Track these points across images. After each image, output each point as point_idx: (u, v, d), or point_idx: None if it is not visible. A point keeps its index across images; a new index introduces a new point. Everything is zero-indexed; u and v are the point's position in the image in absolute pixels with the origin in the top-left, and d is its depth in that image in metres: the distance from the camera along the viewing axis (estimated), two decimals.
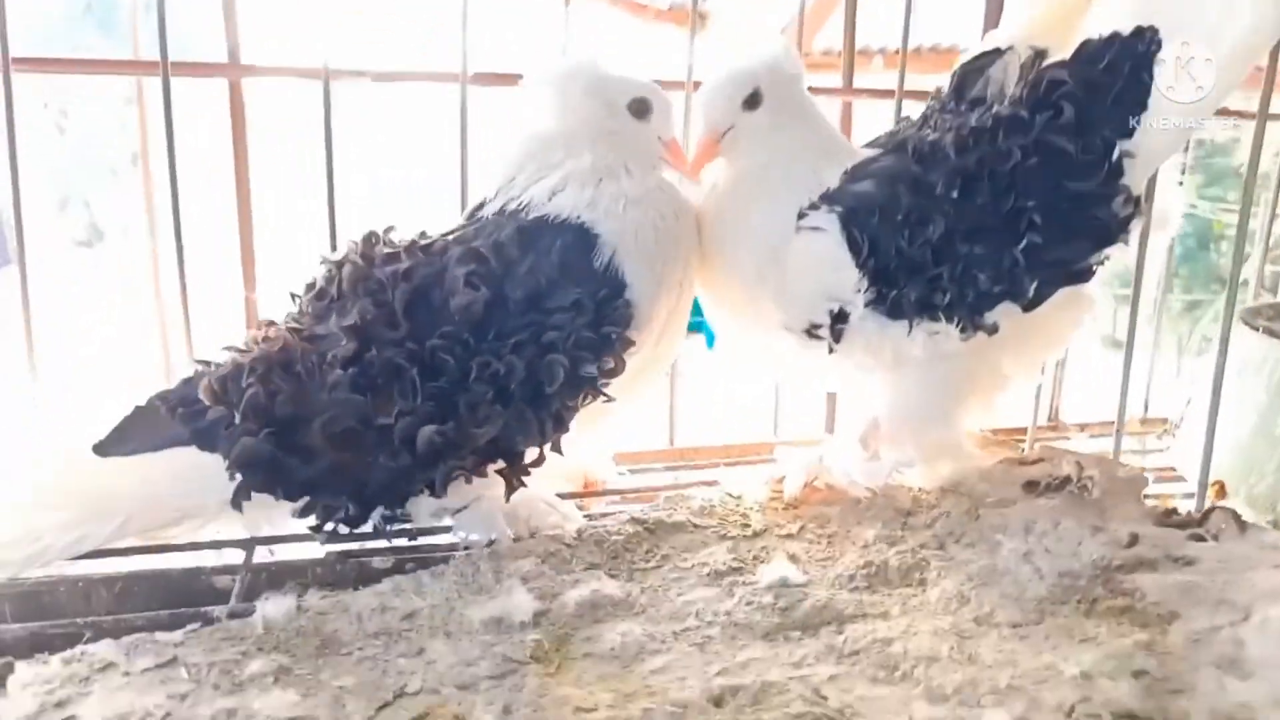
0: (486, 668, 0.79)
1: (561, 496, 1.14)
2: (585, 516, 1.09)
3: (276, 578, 1.03)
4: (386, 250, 0.99)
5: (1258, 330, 1.25)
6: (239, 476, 0.92)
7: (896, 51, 1.45)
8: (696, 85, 1.25)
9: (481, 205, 1.05)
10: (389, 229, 1.04)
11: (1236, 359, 1.21)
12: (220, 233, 1.41)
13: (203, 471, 0.92)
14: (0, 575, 0.91)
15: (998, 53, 1.11)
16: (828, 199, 1.03)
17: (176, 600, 1.01)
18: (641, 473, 1.30)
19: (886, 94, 1.47)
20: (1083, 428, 1.48)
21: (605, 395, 0.98)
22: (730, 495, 1.11)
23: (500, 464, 0.97)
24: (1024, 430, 1.36)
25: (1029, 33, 1.09)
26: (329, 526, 0.97)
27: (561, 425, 0.96)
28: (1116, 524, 0.98)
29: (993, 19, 1.48)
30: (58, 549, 0.92)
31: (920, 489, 1.10)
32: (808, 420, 1.38)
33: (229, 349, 1.00)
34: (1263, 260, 1.58)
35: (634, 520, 1.04)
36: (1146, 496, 1.10)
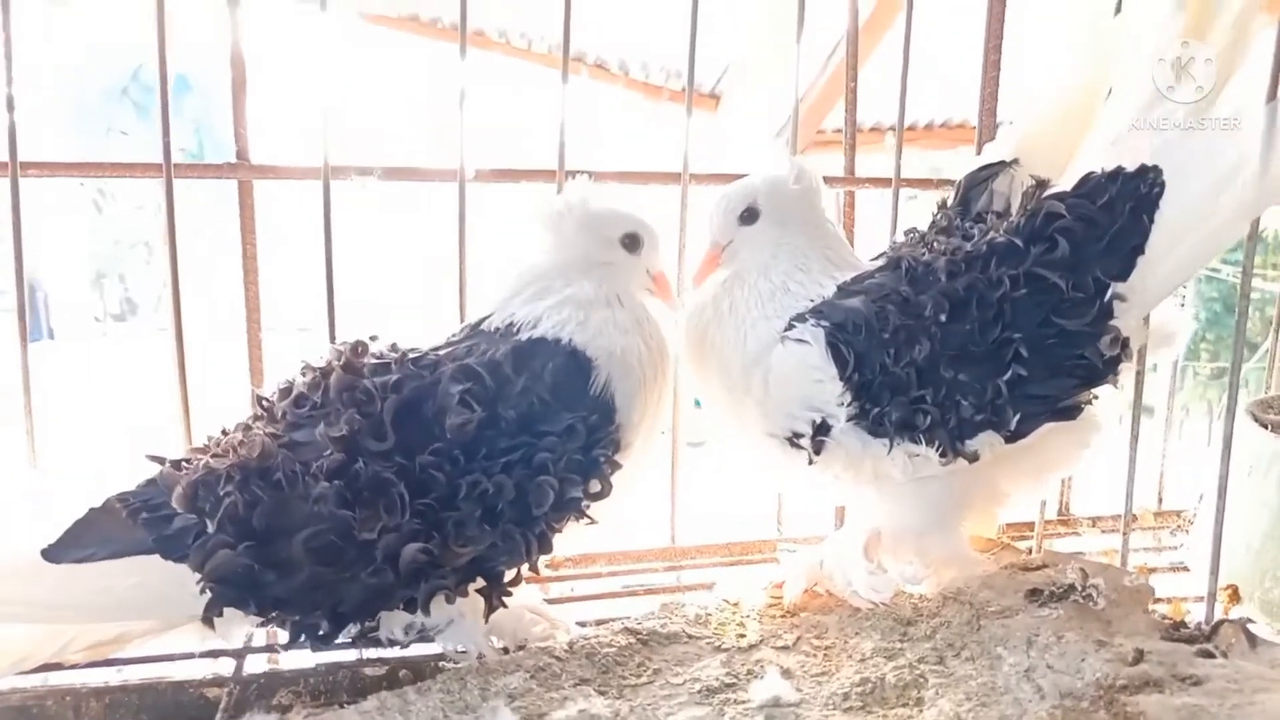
0: None
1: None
2: (578, 624, 1.08)
3: (266, 689, 1.02)
4: (375, 360, 0.99)
5: (1267, 427, 1.22)
6: (211, 590, 0.89)
7: (909, 129, 1.46)
8: (693, 178, 1.28)
9: (482, 321, 1.06)
10: (373, 338, 1.04)
11: (1246, 456, 1.18)
12: (233, 325, 1.42)
13: (167, 582, 0.89)
14: None
15: (1001, 165, 1.12)
16: (816, 312, 1.03)
17: (165, 714, 1.01)
18: (641, 572, 1.28)
19: (887, 183, 1.48)
20: (1094, 521, 1.44)
21: (589, 518, 0.97)
22: (727, 602, 1.09)
23: (480, 583, 0.95)
24: (1031, 525, 1.33)
25: (1027, 144, 1.10)
26: (300, 641, 0.94)
27: (546, 546, 0.95)
28: (1122, 638, 0.96)
29: (989, 97, 1.48)
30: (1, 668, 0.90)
31: (921, 596, 1.07)
32: (814, 519, 1.36)
33: (196, 450, 0.98)
34: (1277, 333, 1.56)
35: (627, 630, 1.02)
36: (1155, 603, 1.07)
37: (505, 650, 1.02)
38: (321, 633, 0.93)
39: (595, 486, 0.96)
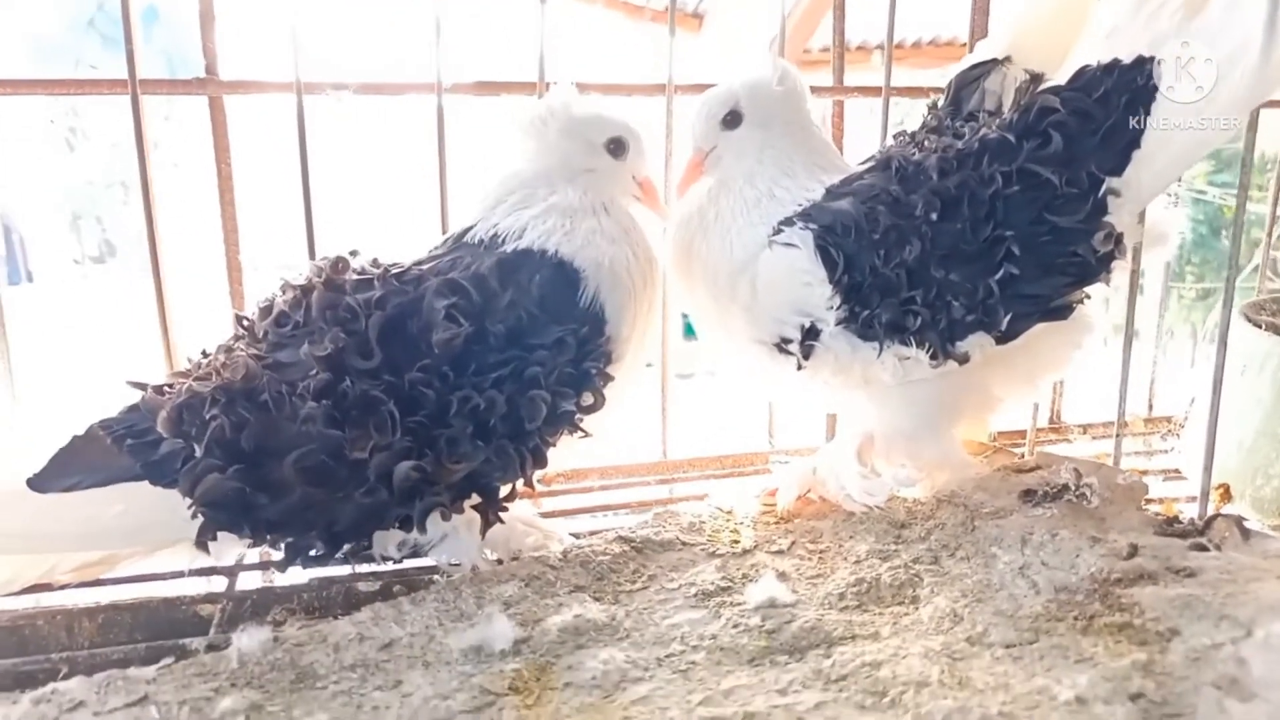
0: (463, 701, 0.77)
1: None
2: (571, 535, 1.07)
3: (260, 606, 1.02)
4: (357, 277, 0.96)
5: (1260, 326, 1.22)
6: (203, 515, 0.88)
7: (897, 46, 1.42)
8: (678, 89, 1.24)
9: (465, 233, 1.03)
10: (353, 253, 1.02)
11: (1239, 356, 1.18)
12: (211, 249, 1.39)
13: (157, 507, 0.88)
14: None
15: (994, 63, 1.09)
16: (804, 215, 1.01)
17: (159, 631, 1.00)
18: (633, 486, 1.28)
19: (876, 91, 1.45)
20: (1085, 429, 1.44)
21: (583, 431, 0.96)
22: (720, 510, 1.09)
23: (475, 499, 0.94)
24: (1023, 433, 1.33)
25: (1020, 41, 1.07)
26: (295, 561, 0.94)
27: (540, 460, 0.94)
28: (1115, 534, 0.96)
29: (980, 10, 1.45)
30: None
31: (915, 500, 1.07)
32: (806, 430, 1.35)
33: (178, 374, 0.96)
34: (1267, 248, 1.55)
35: (621, 539, 1.02)
36: (1148, 502, 1.08)
37: (499, 562, 1.02)
38: (316, 553, 0.92)
39: (587, 399, 0.95)
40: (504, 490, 0.96)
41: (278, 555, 0.97)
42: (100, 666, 0.88)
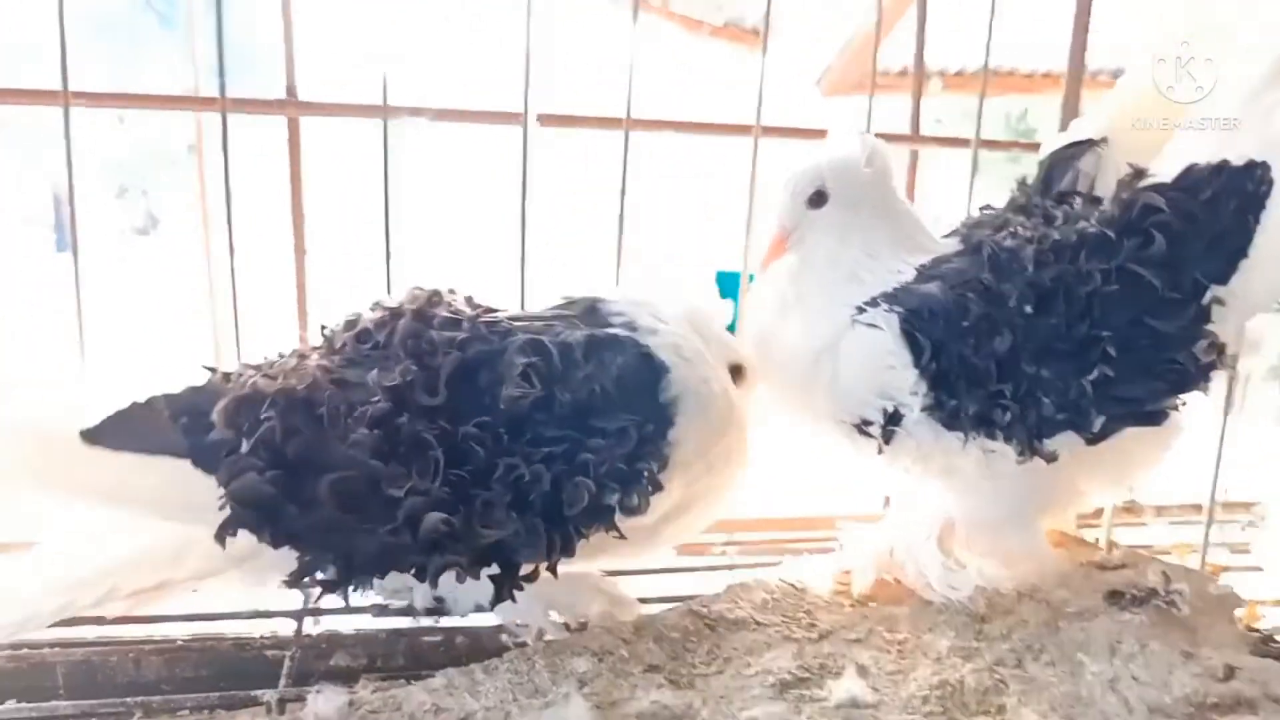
0: None
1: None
2: (639, 600, 1.06)
3: (326, 654, 1.02)
4: (447, 314, 0.95)
5: None
6: (231, 509, 0.86)
7: (958, 73, 1.39)
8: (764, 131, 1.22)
9: (597, 302, 1.02)
10: (451, 290, 1.01)
11: None
12: (276, 267, 1.39)
13: (191, 490, 0.86)
14: None
15: (1089, 144, 1.06)
16: (890, 297, 0.98)
17: (226, 672, 1.00)
18: (696, 547, 1.26)
19: (959, 143, 1.42)
20: (1160, 510, 1.41)
21: (618, 532, 0.92)
22: (794, 587, 1.07)
23: (494, 569, 0.91)
24: (1099, 513, 1.30)
25: (1119, 124, 1.05)
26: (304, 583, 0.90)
27: (569, 549, 0.91)
28: (1209, 650, 0.93)
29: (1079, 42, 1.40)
30: (45, 615, 0.88)
31: (995, 590, 1.04)
32: (871, 491, 1.33)
33: (249, 366, 0.95)
34: None
35: (693, 613, 1.00)
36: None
37: (566, 626, 1.00)
38: (327, 578, 0.89)
39: (632, 499, 0.91)
40: (526, 569, 0.92)
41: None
42: (173, 711, 0.89)
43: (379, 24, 1.23)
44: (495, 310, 1.01)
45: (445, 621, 1.03)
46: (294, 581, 0.89)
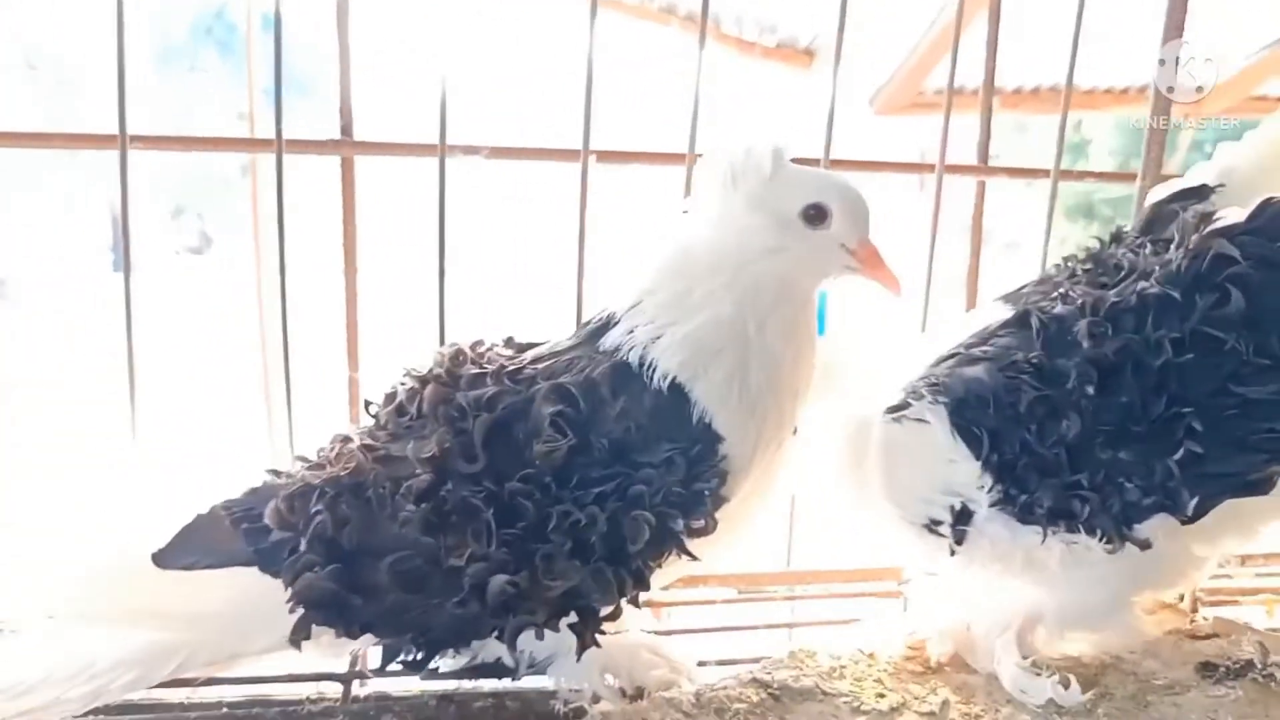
0: None
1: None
2: (698, 663, 1.01)
3: (374, 717, 0.99)
4: (473, 371, 0.92)
5: None
6: (300, 610, 0.85)
7: (1016, 91, 1.33)
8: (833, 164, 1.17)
9: (602, 327, 0.95)
10: (477, 343, 0.97)
11: None
12: (327, 305, 1.38)
13: (263, 596, 0.85)
14: (56, 716, 0.86)
15: (1204, 191, 0.96)
16: (933, 386, 0.91)
17: None
18: (757, 599, 1.21)
19: (1035, 174, 1.35)
20: (1244, 560, 1.33)
21: (690, 555, 0.88)
22: (862, 653, 1.01)
23: (573, 618, 0.87)
24: None
25: (1240, 174, 0.95)
26: (393, 664, 0.89)
27: (642, 583, 0.87)
28: None
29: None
30: (115, 688, 0.87)
31: (1077, 658, 0.98)
32: None
33: (300, 459, 0.95)
34: None
35: (756, 682, 0.95)
36: None
37: (622, 692, 0.96)
38: (411, 658, 0.87)
39: (697, 522, 0.87)
40: (605, 611, 0.88)
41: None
42: None
43: (434, 60, 1.21)
44: (531, 347, 0.97)
45: (494, 685, 0.99)
46: (380, 669, 0.88)
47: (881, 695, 0.95)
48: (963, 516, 0.90)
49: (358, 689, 1.01)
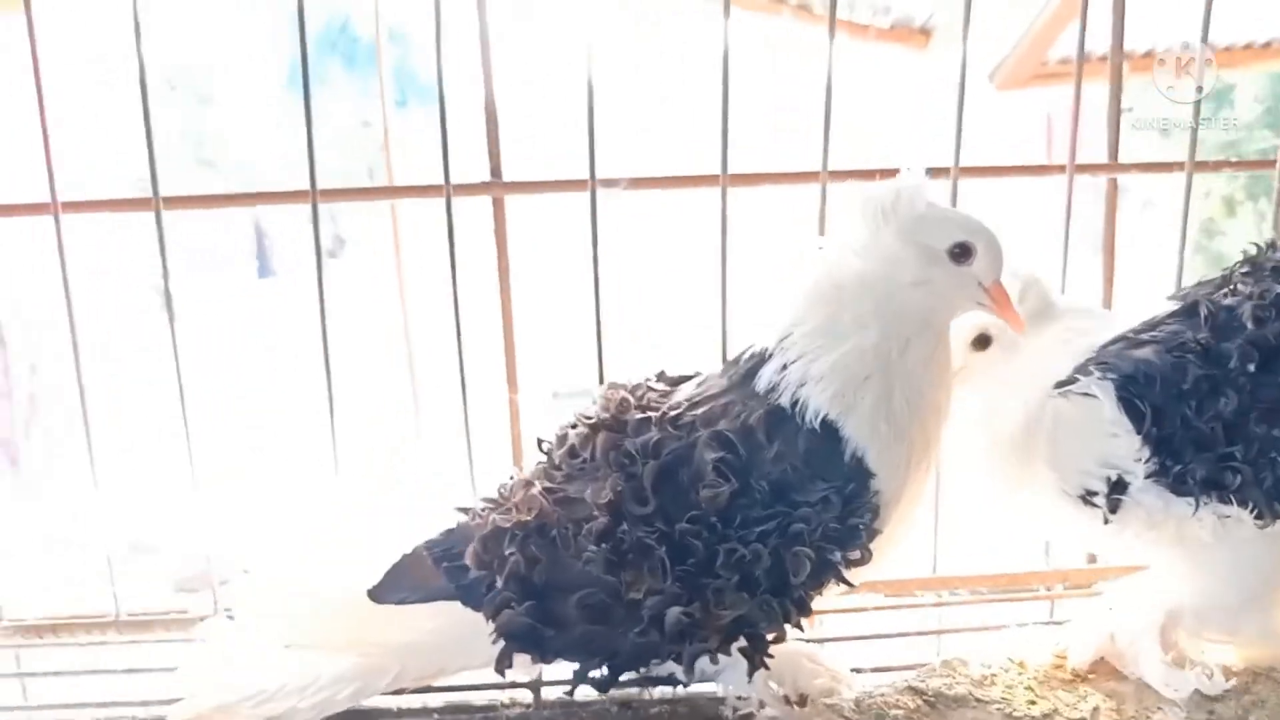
0: None
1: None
2: (853, 670, 1.09)
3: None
4: (638, 417, 1.00)
5: None
6: (502, 642, 0.97)
7: (1146, 54, 1.31)
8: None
9: (759, 362, 1.01)
10: (638, 388, 1.06)
11: None
12: (483, 330, 1.48)
13: (466, 627, 0.97)
14: None
15: None
16: (1101, 364, 0.97)
17: None
18: (904, 608, 1.28)
19: (1169, 168, 1.35)
20: None
21: (849, 584, 0.96)
22: (1011, 661, 1.07)
23: (743, 642, 0.96)
24: None
25: None
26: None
27: (804, 610, 0.95)
28: None
29: None
30: (340, 700, 1.01)
31: (1225, 664, 1.02)
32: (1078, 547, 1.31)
33: (487, 501, 1.04)
34: None
35: (912, 690, 1.02)
36: None
37: (786, 699, 1.05)
38: (599, 679, 0.98)
39: (854, 554, 0.94)
40: (770, 636, 0.96)
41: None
42: None
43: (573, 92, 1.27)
44: (683, 380, 1.06)
45: (666, 692, 1.09)
46: (572, 689, 1.00)
47: (1033, 702, 1.01)
48: (1118, 487, 0.96)
49: (546, 695, 1.13)
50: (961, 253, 0.96)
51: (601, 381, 1.21)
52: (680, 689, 1.07)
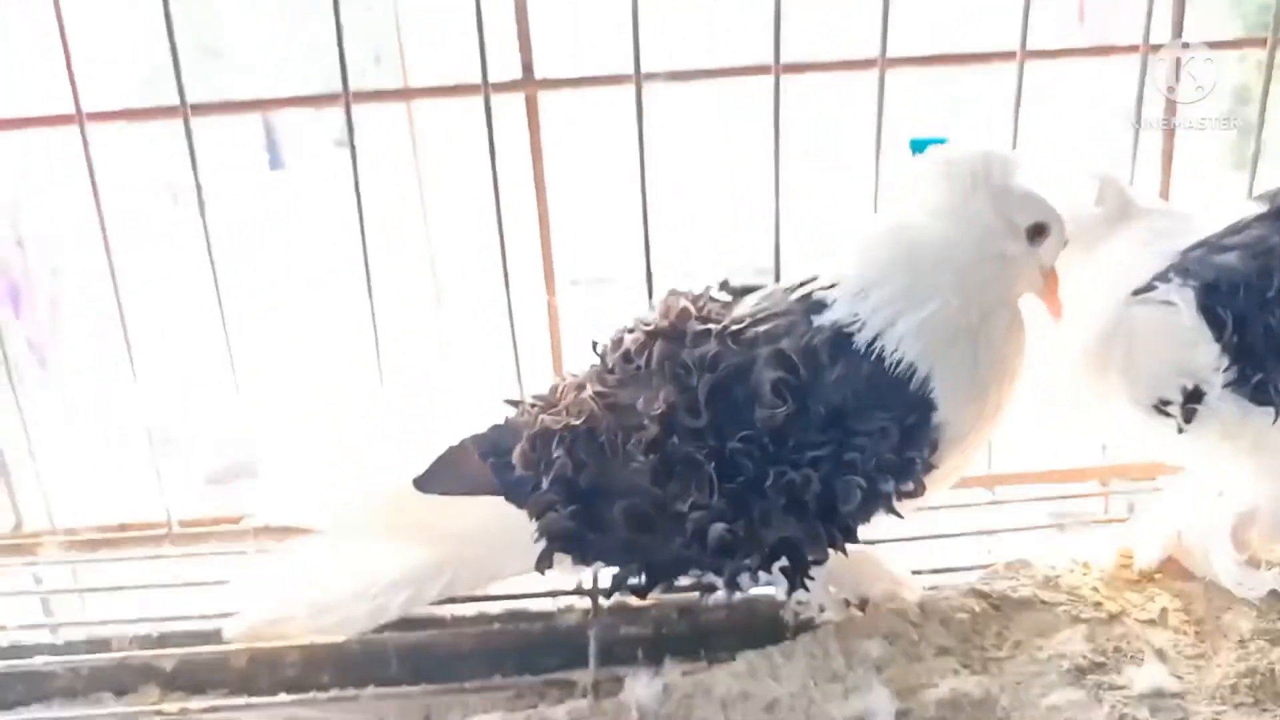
0: None
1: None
2: (914, 573, 1.08)
3: (620, 630, 1.12)
4: (698, 327, 0.97)
5: None
6: (544, 542, 0.96)
7: None
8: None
9: (823, 302, 0.96)
10: (700, 297, 1.02)
11: None
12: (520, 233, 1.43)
13: (509, 523, 0.97)
14: (347, 633, 1.03)
15: None
16: (1181, 270, 0.93)
17: (534, 648, 1.11)
18: (960, 506, 1.26)
19: (1249, 44, 1.27)
20: None
21: (898, 515, 0.94)
22: (1075, 562, 1.06)
23: (784, 562, 0.95)
24: None
25: None
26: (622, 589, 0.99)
27: (851, 537, 0.94)
28: None
29: None
30: (393, 607, 1.01)
31: None
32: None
33: (536, 399, 1.03)
34: None
35: (976, 593, 1.01)
36: None
37: (847, 603, 1.04)
38: (637, 584, 0.98)
39: (907, 487, 0.92)
40: (813, 558, 0.95)
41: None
42: (492, 691, 1.02)
43: None
44: (747, 291, 1.02)
45: (725, 597, 1.09)
46: (609, 592, 0.99)
47: (1099, 604, 1.00)
48: (1194, 396, 0.93)
49: (604, 602, 1.13)
50: (1037, 232, 0.94)
51: (650, 295, 1.19)
52: (738, 595, 1.07)
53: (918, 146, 1.06)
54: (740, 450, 0.90)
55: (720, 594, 1.04)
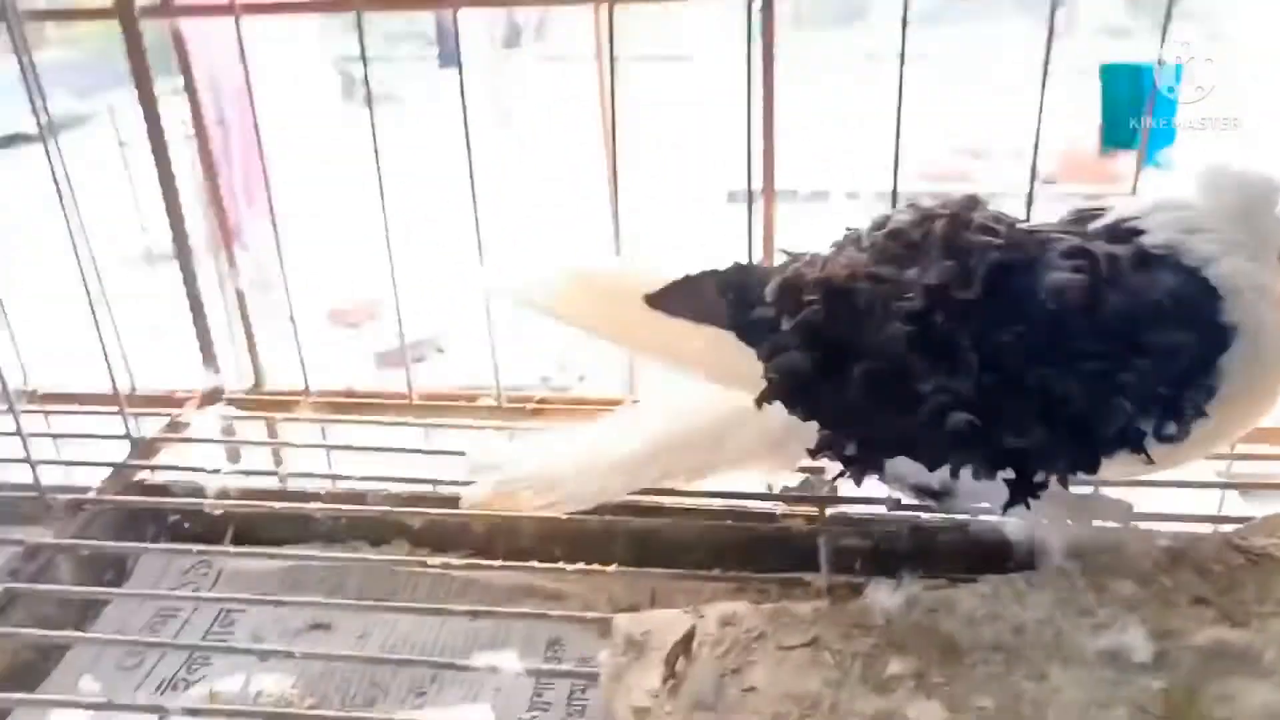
0: (1123, 715, 0.81)
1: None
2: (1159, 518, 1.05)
3: (844, 540, 1.12)
4: (983, 220, 0.93)
5: None
6: (770, 382, 0.93)
7: None
8: None
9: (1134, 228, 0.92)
10: (983, 203, 0.97)
11: None
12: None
13: (736, 359, 0.95)
14: (570, 509, 1.06)
15: None
16: None
17: (757, 547, 1.13)
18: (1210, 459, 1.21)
19: None
20: None
21: (1148, 457, 0.88)
22: None
23: (1010, 474, 0.90)
24: None
25: None
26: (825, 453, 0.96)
27: (1092, 468, 0.89)
28: None
29: None
30: (613, 489, 1.05)
31: None
32: None
33: (789, 253, 1.00)
34: None
35: (1232, 546, 0.98)
36: None
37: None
38: (849, 454, 0.94)
39: (1169, 429, 0.87)
40: (1041, 477, 0.91)
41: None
42: (715, 582, 1.05)
43: None
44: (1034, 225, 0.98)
45: (956, 519, 1.08)
46: (816, 452, 0.95)
47: None
48: None
49: (831, 510, 1.14)
50: None
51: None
52: (967, 516, 1.06)
53: (1109, 73, 1.00)
54: (1008, 344, 0.86)
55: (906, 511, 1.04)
